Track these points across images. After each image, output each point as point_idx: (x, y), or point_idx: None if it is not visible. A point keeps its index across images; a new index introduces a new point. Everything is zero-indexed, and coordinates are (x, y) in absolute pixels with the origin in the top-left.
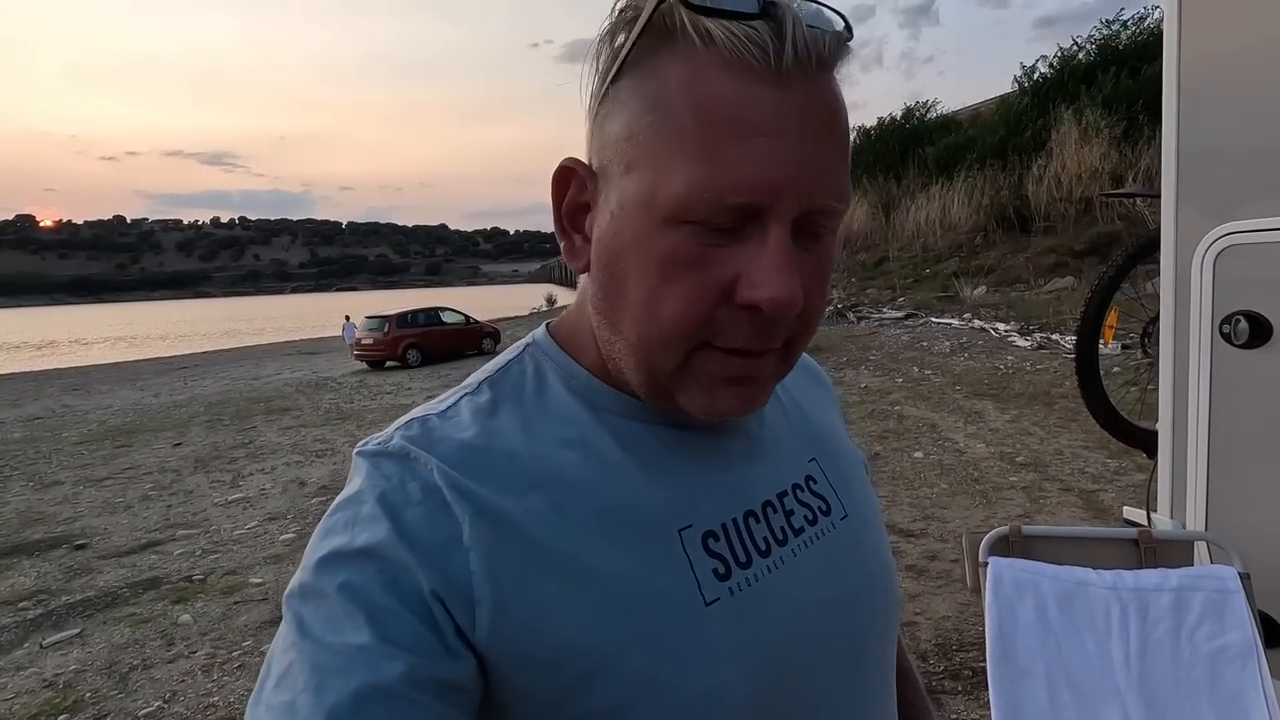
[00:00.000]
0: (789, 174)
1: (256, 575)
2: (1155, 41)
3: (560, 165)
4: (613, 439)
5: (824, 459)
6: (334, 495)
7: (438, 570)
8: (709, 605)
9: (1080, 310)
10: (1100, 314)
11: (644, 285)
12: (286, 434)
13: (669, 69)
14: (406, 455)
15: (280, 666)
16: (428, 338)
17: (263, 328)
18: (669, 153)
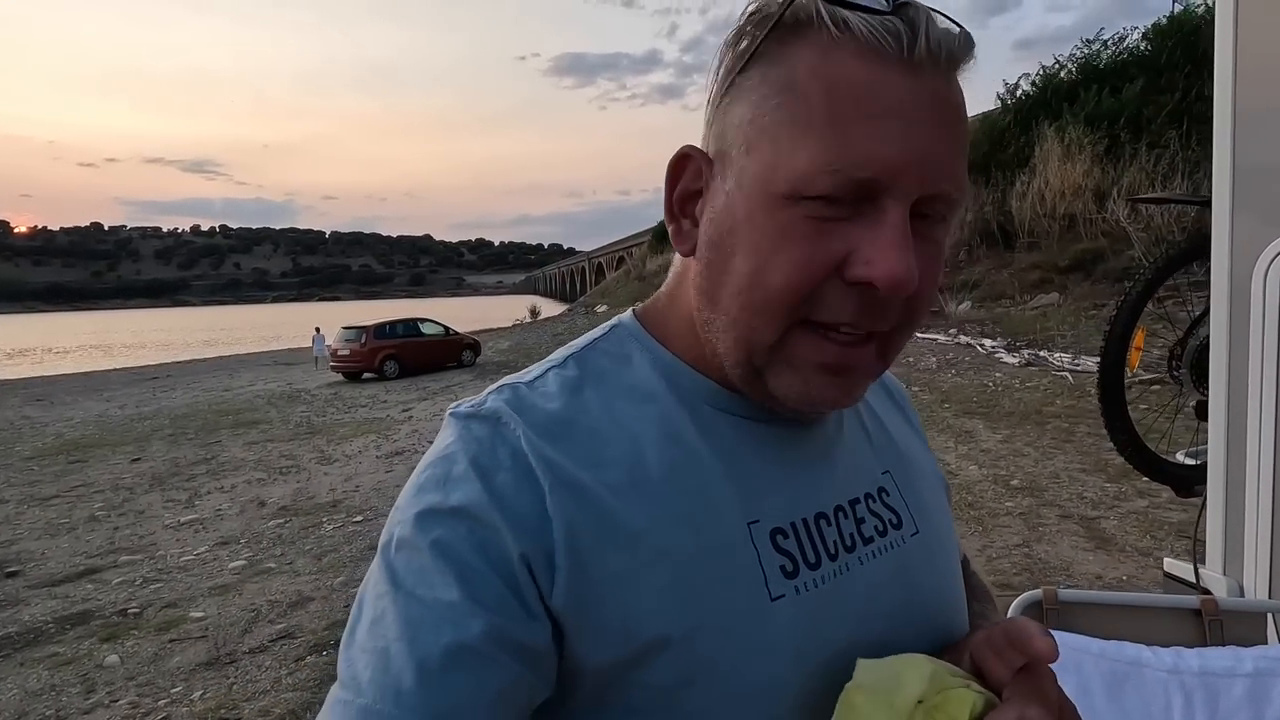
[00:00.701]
0: (915, 156)
1: (198, 608)
2: (1135, 62)
3: (678, 152)
4: (692, 423)
5: (898, 473)
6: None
7: (526, 535)
8: (774, 601)
9: (1104, 330)
10: (1127, 335)
11: (752, 258)
12: (252, 449)
13: (800, 55)
14: (498, 419)
15: (373, 612)
16: (406, 349)
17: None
18: (794, 131)
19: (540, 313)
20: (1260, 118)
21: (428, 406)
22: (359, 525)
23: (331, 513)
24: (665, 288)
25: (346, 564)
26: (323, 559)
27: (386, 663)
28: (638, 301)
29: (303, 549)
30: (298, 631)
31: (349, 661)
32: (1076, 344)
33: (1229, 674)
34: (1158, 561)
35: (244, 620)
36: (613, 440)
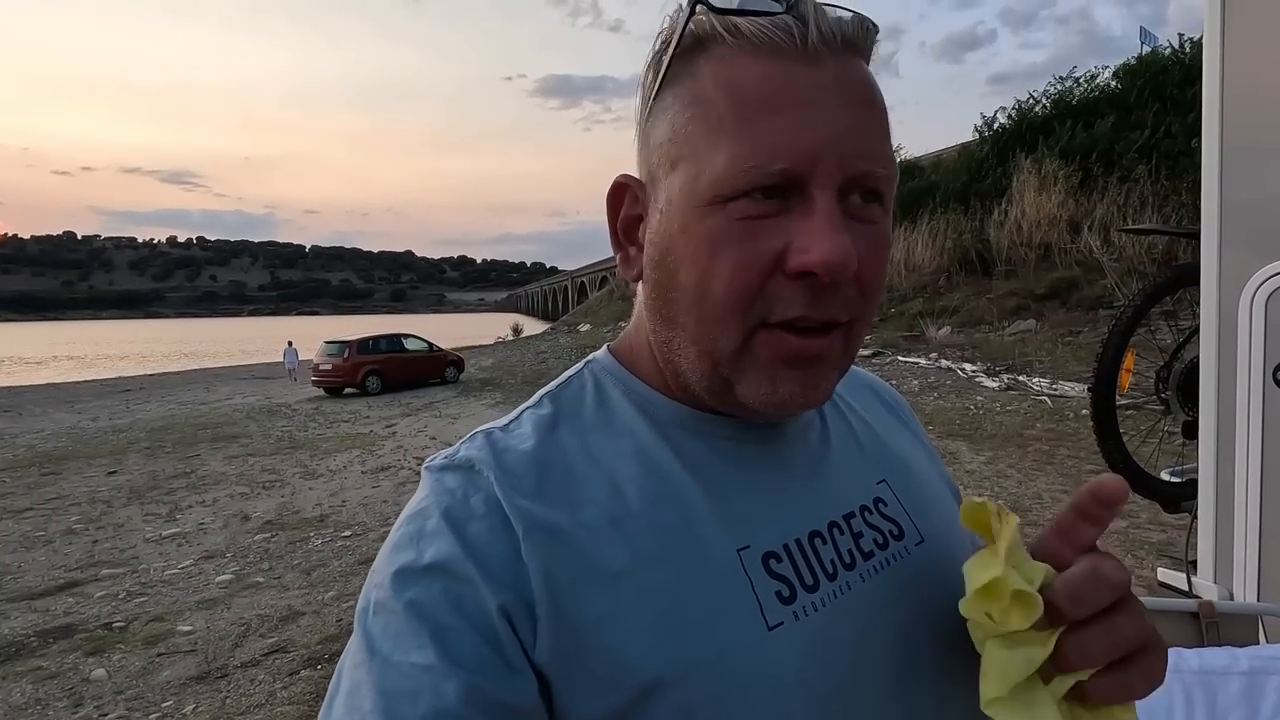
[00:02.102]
0: (827, 139)
1: (186, 622)
2: (1107, 98)
3: (614, 182)
4: (672, 454)
5: (896, 481)
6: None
7: (502, 586)
8: (772, 630)
9: (1097, 353)
10: (1118, 358)
11: (695, 269)
12: (233, 463)
13: (704, 69)
14: (470, 467)
15: (349, 683)
16: (389, 364)
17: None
18: (708, 139)
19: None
20: (1245, 154)
21: (411, 422)
22: (348, 540)
23: (319, 527)
24: (632, 320)
25: (336, 579)
26: (312, 573)
27: None
28: (621, 321)
29: (291, 563)
30: (290, 645)
31: None
32: (1054, 369)
33: (1226, 672)
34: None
35: (234, 634)
36: (589, 478)
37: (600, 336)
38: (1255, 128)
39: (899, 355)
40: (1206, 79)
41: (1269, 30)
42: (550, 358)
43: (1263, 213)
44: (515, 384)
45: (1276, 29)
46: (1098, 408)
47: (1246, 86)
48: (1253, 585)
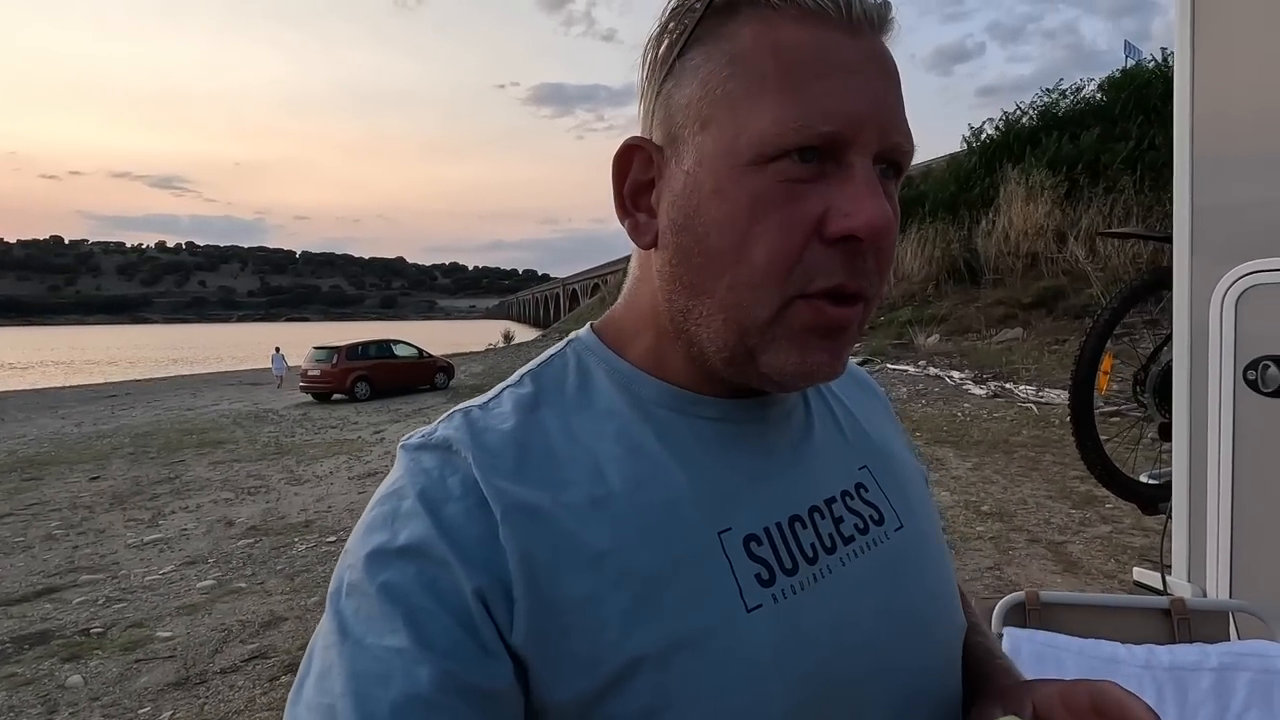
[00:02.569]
0: (870, 108)
1: (165, 628)
2: (1092, 110)
3: (624, 144)
4: (654, 434)
5: (876, 467)
6: (264, 537)
7: (478, 569)
8: (751, 611)
9: (1075, 355)
10: (1095, 360)
11: (731, 232)
12: (218, 469)
13: (742, 30)
14: (448, 447)
15: (320, 664)
16: (378, 370)
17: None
18: (751, 98)
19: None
20: (1214, 163)
21: (400, 429)
22: (332, 545)
23: (304, 533)
24: (622, 297)
25: (320, 584)
26: (295, 579)
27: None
28: None
29: (274, 569)
30: (271, 651)
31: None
32: (1040, 377)
33: (1196, 668)
34: (1122, 584)
35: (214, 640)
36: (570, 459)
37: None
38: (1223, 138)
39: (888, 363)
40: (1177, 93)
41: (1234, 48)
42: None
43: (1231, 218)
44: None
45: (1241, 47)
46: (1076, 410)
47: (1215, 100)
48: (1225, 582)
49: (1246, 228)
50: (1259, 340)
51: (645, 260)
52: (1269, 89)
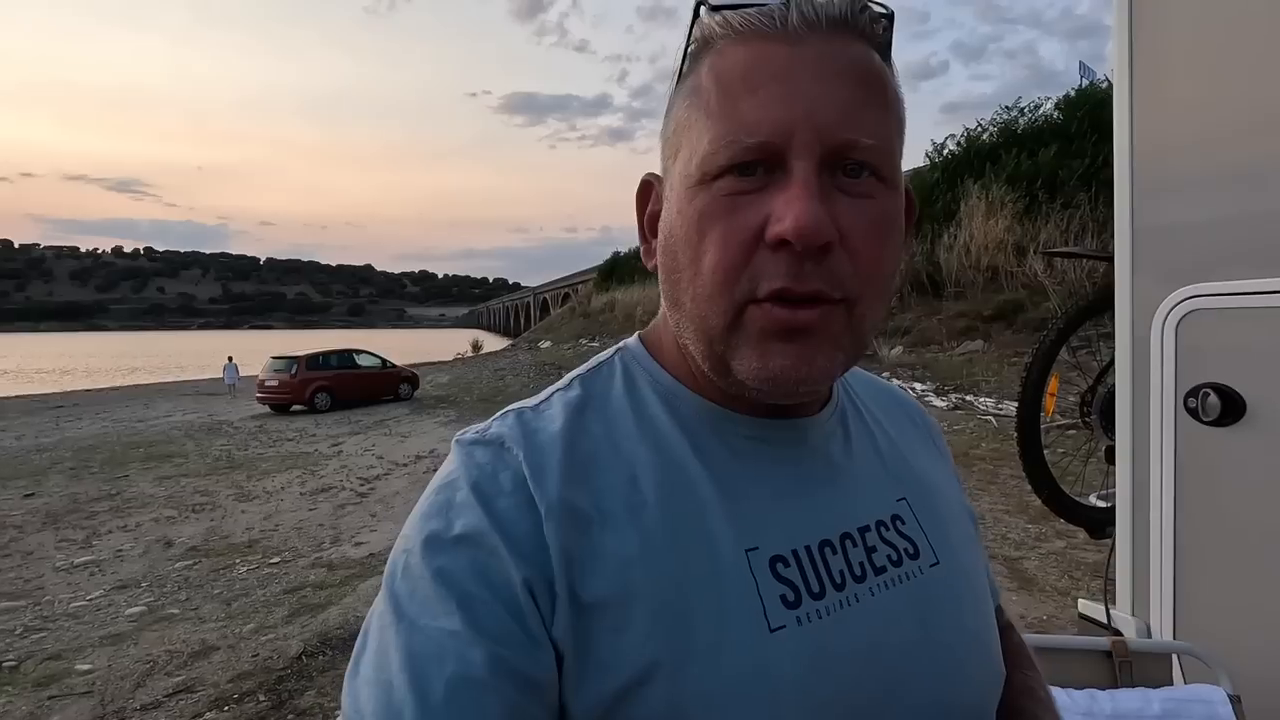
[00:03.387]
0: (802, 110)
1: (85, 660)
2: (1050, 128)
3: (642, 179)
4: (691, 448)
5: (916, 501)
6: (204, 558)
7: (526, 561)
8: (774, 632)
9: (1021, 377)
10: (1041, 382)
11: (687, 247)
12: (163, 484)
13: (703, 65)
14: (501, 444)
15: (377, 642)
16: (339, 381)
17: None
18: (699, 124)
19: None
20: (1155, 183)
21: (359, 441)
22: (275, 567)
23: (246, 554)
24: (660, 313)
25: (259, 609)
26: (232, 604)
27: (389, 695)
28: (581, 338)
29: (211, 593)
30: (198, 685)
31: (353, 694)
32: (1000, 389)
33: (1138, 715)
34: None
35: (138, 673)
36: (610, 465)
37: (561, 353)
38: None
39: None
40: (1117, 117)
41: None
42: (509, 375)
43: (1171, 240)
44: (470, 402)
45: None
46: (1022, 433)
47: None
48: (1169, 619)
49: (1188, 250)
50: (1200, 367)
51: None
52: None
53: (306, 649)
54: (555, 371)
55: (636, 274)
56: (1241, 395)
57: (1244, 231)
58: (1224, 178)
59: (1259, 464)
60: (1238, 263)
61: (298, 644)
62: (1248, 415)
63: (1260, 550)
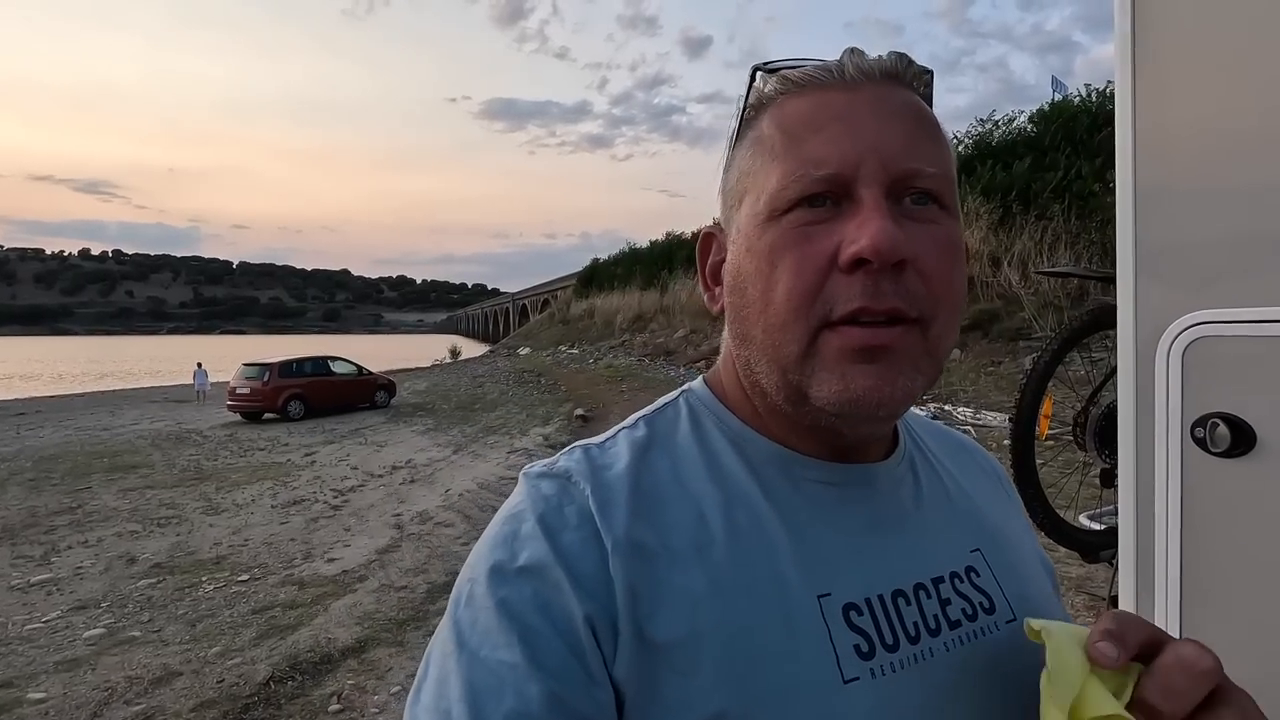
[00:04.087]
0: (867, 144)
1: (39, 687)
2: (1023, 141)
3: (703, 233)
4: (760, 490)
5: (991, 553)
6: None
7: (589, 597)
8: (847, 684)
9: (1016, 397)
10: (1036, 403)
11: (759, 280)
12: (127, 496)
13: (763, 119)
14: (568, 478)
15: (438, 671)
16: (313, 388)
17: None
18: (765, 168)
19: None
20: (1159, 197)
21: (333, 450)
22: (244, 585)
23: (213, 570)
24: (720, 355)
25: (225, 631)
26: (197, 625)
27: None
28: (561, 344)
29: (175, 613)
30: (158, 714)
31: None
32: (977, 398)
33: None
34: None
35: (94, 701)
36: (677, 504)
37: (540, 360)
38: (1168, 172)
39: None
40: (1119, 126)
41: (1176, 79)
42: (487, 381)
43: (1177, 261)
44: (448, 409)
45: (1183, 78)
46: (1017, 456)
47: (1157, 133)
48: None
49: (1195, 272)
50: (1208, 396)
51: None
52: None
53: (275, 674)
54: (534, 379)
55: (616, 281)
56: (1252, 426)
57: (1253, 253)
58: (1232, 196)
59: (1270, 498)
60: (1249, 286)
61: (265, 668)
62: (1258, 447)
63: (1271, 587)
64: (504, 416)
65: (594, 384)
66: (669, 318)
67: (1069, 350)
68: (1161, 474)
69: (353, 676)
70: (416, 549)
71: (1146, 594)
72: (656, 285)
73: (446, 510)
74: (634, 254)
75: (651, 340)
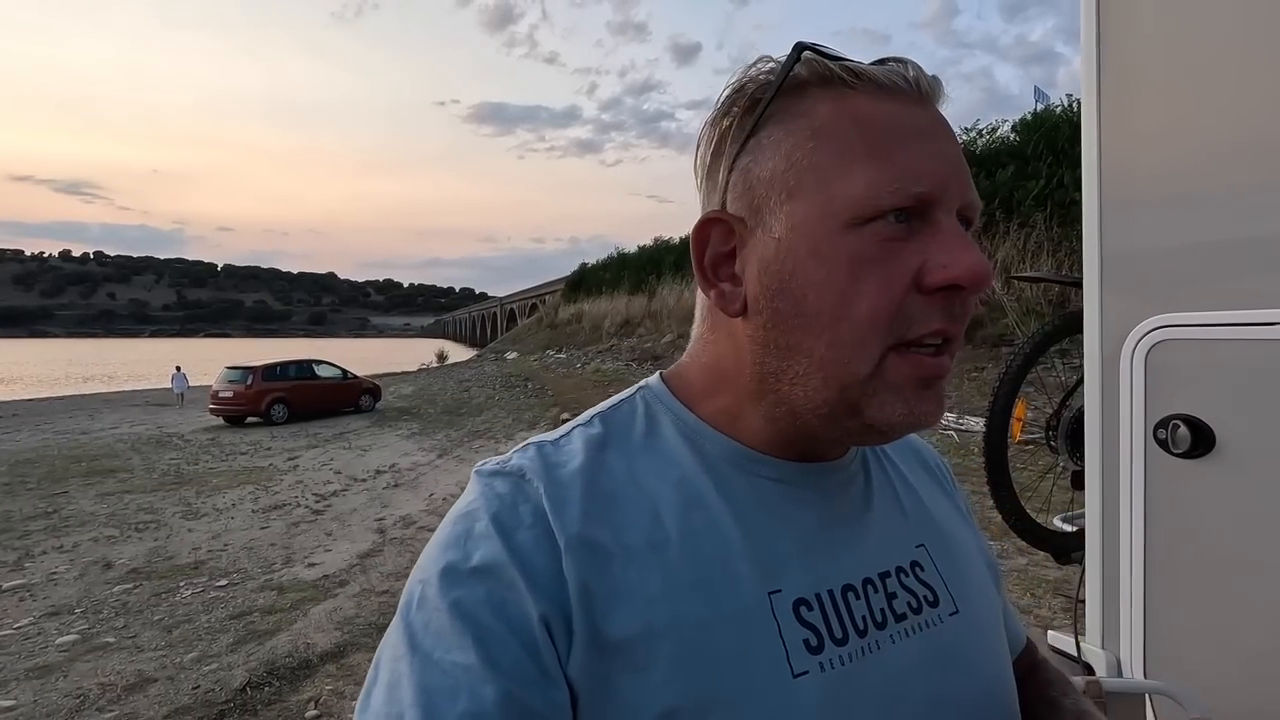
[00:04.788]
0: (952, 168)
1: (8, 695)
2: (1007, 150)
3: (703, 218)
4: (714, 487)
5: (935, 548)
6: (145, 581)
7: (544, 596)
8: (797, 678)
9: (989, 402)
10: (1009, 406)
11: (831, 291)
12: (105, 501)
13: (819, 107)
14: (521, 475)
15: (389, 675)
16: (297, 392)
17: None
18: (841, 166)
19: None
20: (1123, 209)
21: (316, 455)
22: (222, 590)
23: (192, 575)
24: (689, 353)
25: (202, 636)
26: (174, 631)
27: None
28: (549, 349)
29: (151, 619)
30: None
31: None
32: (960, 403)
33: None
34: (1038, 620)
35: (66, 709)
36: (631, 502)
37: (528, 364)
38: (1132, 181)
39: None
40: (1085, 138)
41: (1138, 97)
42: (474, 386)
43: (1141, 266)
44: (434, 414)
45: (1145, 97)
46: (990, 460)
47: (1122, 143)
48: (1139, 654)
49: (1158, 277)
50: (1169, 398)
51: (724, 325)
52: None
53: (252, 680)
54: (522, 383)
55: (604, 285)
56: (1211, 428)
57: (1214, 260)
58: (1193, 205)
59: (1228, 498)
60: (1209, 291)
61: (242, 674)
62: (1217, 448)
63: (1230, 585)
64: (490, 421)
65: (581, 388)
66: (656, 323)
67: (1040, 355)
68: (1126, 475)
69: (331, 682)
70: (399, 553)
71: (1112, 593)
72: (644, 290)
73: (430, 515)
74: (622, 259)
75: (639, 345)
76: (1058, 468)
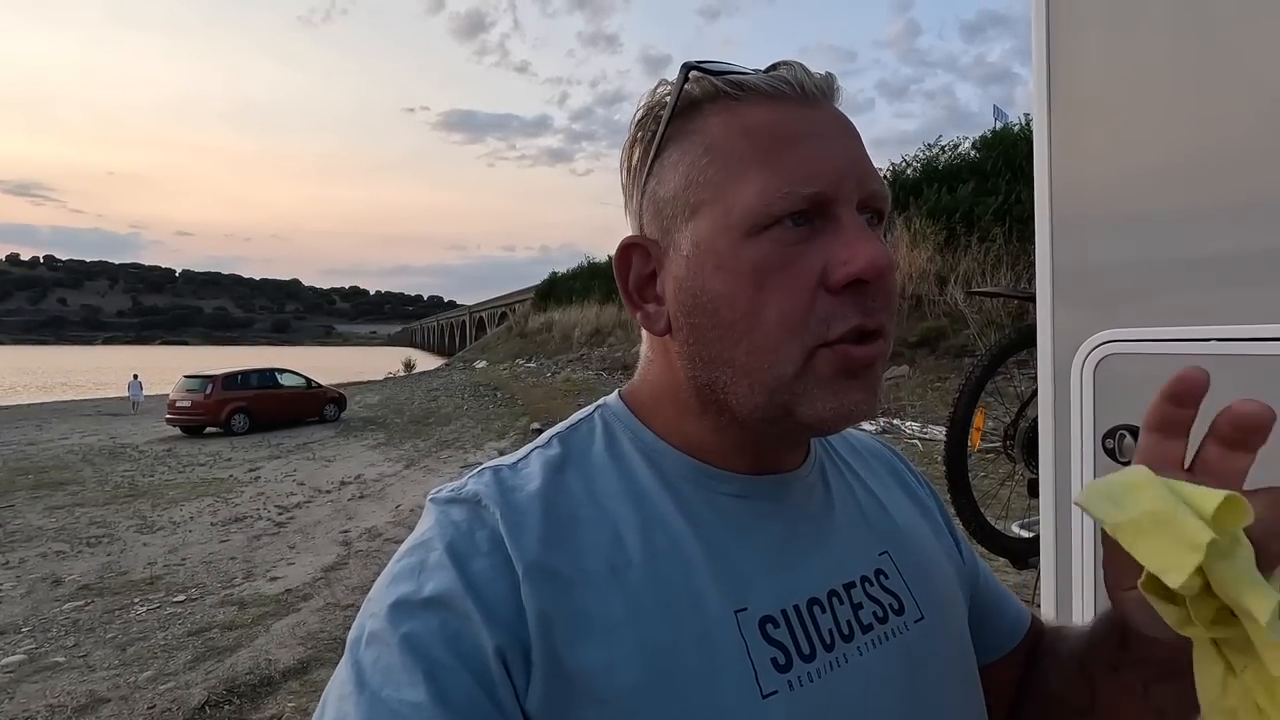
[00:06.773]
0: (843, 163)
1: None
2: (967, 166)
3: (621, 244)
4: (675, 506)
5: (898, 554)
6: (97, 598)
7: (500, 627)
8: (766, 698)
9: (949, 412)
10: (968, 416)
11: (740, 301)
12: (54, 515)
13: (709, 122)
14: (477, 502)
15: (334, 715)
16: (259, 401)
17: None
18: (733, 178)
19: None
20: (1074, 224)
21: (279, 466)
22: (179, 606)
23: (147, 591)
24: (639, 373)
25: (158, 654)
26: (127, 649)
27: None
28: (518, 358)
29: (103, 637)
30: None
31: None
32: (925, 413)
33: None
34: None
35: None
36: (592, 524)
37: (497, 373)
38: (1082, 199)
39: None
40: (1037, 156)
41: (1087, 118)
42: (442, 395)
43: (1090, 282)
44: (401, 423)
45: (1093, 117)
46: (950, 468)
47: (1072, 162)
48: None
49: (1107, 293)
50: (1117, 409)
51: (658, 343)
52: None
53: (210, 698)
54: (491, 392)
55: (575, 294)
56: None
57: (1158, 277)
58: (1139, 223)
59: None
60: (1154, 307)
61: (200, 693)
62: None
63: None
64: (459, 430)
65: (551, 398)
66: (627, 332)
67: (999, 366)
68: (1076, 483)
69: (294, 699)
70: (365, 566)
71: (1065, 597)
72: (615, 299)
73: (397, 526)
74: (593, 268)
75: (610, 354)
76: (1015, 475)
